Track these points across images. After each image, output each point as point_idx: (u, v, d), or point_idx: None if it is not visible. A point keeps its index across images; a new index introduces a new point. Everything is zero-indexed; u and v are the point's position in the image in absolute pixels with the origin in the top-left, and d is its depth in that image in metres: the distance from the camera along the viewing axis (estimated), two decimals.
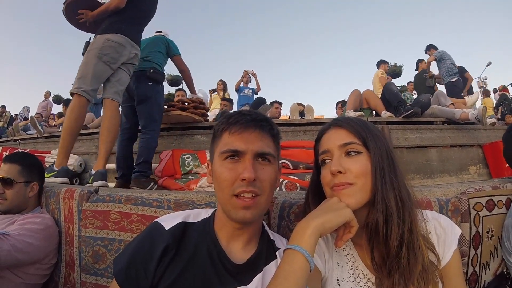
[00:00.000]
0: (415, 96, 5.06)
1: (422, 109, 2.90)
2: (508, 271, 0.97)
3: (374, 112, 3.18)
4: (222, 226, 0.67)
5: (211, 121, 2.89)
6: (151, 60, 2.26)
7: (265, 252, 0.69)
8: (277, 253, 0.71)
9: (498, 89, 7.84)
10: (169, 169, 2.10)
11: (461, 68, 5.14)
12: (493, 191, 0.99)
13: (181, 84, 5.74)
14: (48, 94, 7.29)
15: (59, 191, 1.20)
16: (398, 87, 4.78)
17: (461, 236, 0.89)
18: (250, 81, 5.69)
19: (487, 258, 0.95)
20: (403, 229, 0.60)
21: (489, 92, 7.69)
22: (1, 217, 1.14)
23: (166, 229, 0.65)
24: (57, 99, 7.30)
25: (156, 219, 0.69)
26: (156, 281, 0.60)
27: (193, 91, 2.71)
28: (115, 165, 2.16)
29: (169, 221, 0.67)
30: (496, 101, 7.23)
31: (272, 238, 0.74)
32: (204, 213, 0.73)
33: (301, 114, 3.97)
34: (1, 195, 1.17)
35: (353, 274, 0.67)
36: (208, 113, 3.10)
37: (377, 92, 3.64)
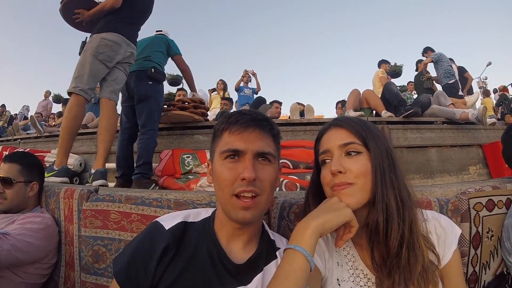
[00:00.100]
0: (415, 96, 5.06)
1: (422, 109, 2.90)
2: (508, 271, 0.97)
3: (374, 112, 3.18)
4: (222, 226, 0.67)
5: (211, 121, 2.89)
6: (152, 60, 2.26)
7: (265, 252, 0.69)
8: (277, 253, 0.71)
9: (499, 89, 7.84)
10: (169, 169, 2.10)
11: (461, 68, 5.13)
12: (493, 191, 0.99)
13: (182, 84, 5.74)
14: (48, 94, 7.29)
15: (59, 191, 1.20)
16: (398, 87, 4.78)
17: (461, 236, 0.89)
18: (250, 81, 5.69)
19: (487, 258, 0.95)
20: (403, 229, 0.60)
21: (489, 92, 7.68)
22: (1, 217, 1.14)
23: (166, 229, 0.64)
24: (57, 99, 7.29)
25: (156, 219, 0.69)
26: (156, 281, 0.60)
27: (194, 90, 2.71)
28: (115, 165, 2.16)
29: (169, 221, 0.67)
30: (496, 101, 7.23)
31: (272, 238, 0.74)
32: (204, 213, 0.73)
33: (301, 114, 3.97)
34: (1, 195, 1.17)
35: (353, 274, 0.67)
36: (208, 113, 3.10)
37: (377, 92, 3.64)
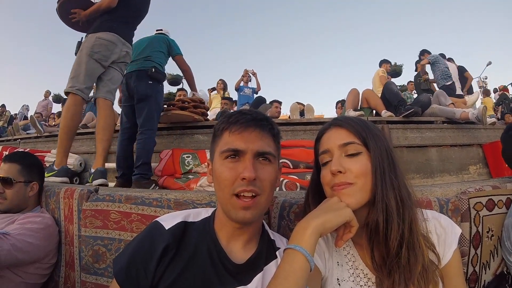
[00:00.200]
0: (415, 96, 5.06)
1: (422, 109, 2.90)
2: (508, 271, 0.97)
3: (374, 112, 3.17)
4: (222, 226, 0.67)
5: (211, 121, 2.89)
6: (153, 60, 2.25)
7: (265, 252, 0.69)
8: (277, 253, 0.71)
9: (499, 89, 7.83)
10: (169, 169, 2.10)
11: (461, 68, 5.12)
12: (493, 191, 0.99)
13: (182, 84, 5.73)
14: (48, 94, 7.29)
15: (59, 191, 1.20)
16: (398, 87, 4.77)
17: (461, 236, 0.89)
18: (250, 81, 5.68)
19: (487, 258, 0.95)
20: (403, 229, 0.60)
21: (489, 92, 7.68)
22: (1, 217, 1.14)
23: (166, 229, 0.64)
24: (57, 99, 7.29)
25: (156, 219, 0.68)
26: (156, 281, 0.60)
27: (195, 90, 2.71)
28: (115, 165, 2.16)
29: (169, 221, 0.67)
30: (496, 100, 7.22)
31: (272, 238, 0.74)
32: (204, 213, 0.72)
33: (301, 114, 3.97)
34: (1, 195, 1.17)
35: (353, 274, 0.67)
36: (208, 113, 3.10)
37: (377, 91, 3.63)
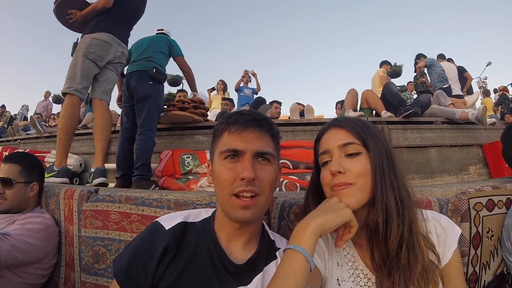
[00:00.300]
0: (415, 96, 5.06)
1: (422, 109, 2.90)
2: (508, 271, 0.97)
3: (374, 112, 3.17)
4: (222, 226, 0.67)
5: (211, 121, 2.89)
6: (154, 61, 2.25)
7: (265, 252, 0.69)
8: (277, 253, 0.71)
9: (499, 89, 7.83)
10: (169, 169, 2.10)
11: (461, 68, 5.13)
12: (493, 191, 0.99)
13: (182, 85, 5.73)
14: (48, 94, 7.29)
15: (59, 191, 1.20)
16: (398, 87, 4.78)
17: (461, 236, 0.89)
18: (250, 81, 5.68)
19: (487, 258, 0.95)
20: (403, 229, 0.60)
21: (489, 92, 7.67)
22: (1, 217, 1.14)
23: (166, 229, 0.65)
24: (57, 99, 7.29)
25: (156, 219, 0.69)
26: (157, 281, 0.60)
27: (195, 91, 2.71)
28: (115, 165, 2.16)
29: (169, 221, 0.67)
30: (496, 100, 7.23)
31: (272, 238, 0.74)
32: (204, 213, 0.73)
33: (301, 114, 3.97)
34: (1, 195, 1.17)
35: (353, 274, 0.67)
36: (208, 113, 3.10)
37: (377, 91, 3.63)
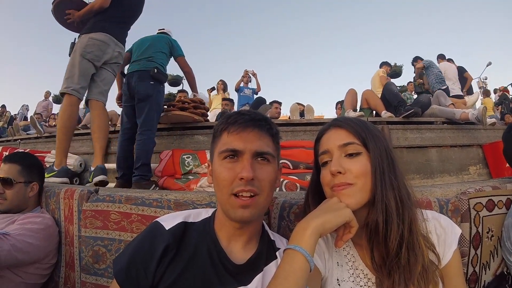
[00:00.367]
0: (415, 96, 5.06)
1: (422, 109, 2.90)
2: (508, 271, 0.97)
3: (374, 112, 3.18)
4: (222, 226, 0.67)
5: (212, 122, 2.89)
6: (155, 61, 2.25)
7: (265, 252, 0.69)
8: (277, 253, 0.71)
9: (499, 90, 7.84)
10: (169, 169, 2.10)
11: (461, 68, 5.13)
12: (493, 191, 0.99)
13: (182, 85, 5.74)
14: (48, 94, 7.30)
15: (59, 191, 1.20)
16: (398, 87, 4.78)
17: (461, 236, 0.89)
18: (250, 81, 5.69)
19: (487, 258, 0.95)
20: (403, 229, 0.60)
21: (489, 92, 7.67)
22: (1, 217, 1.14)
23: (167, 229, 0.65)
24: (57, 99, 7.28)
25: (156, 219, 0.69)
26: (157, 281, 0.60)
27: (196, 92, 2.71)
28: (116, 165, 2.16)
29: (170, 221, 0.67)
30: (496, 101, 7.24)
31: (272, 238, 0.74)
32: (205, 213, 0.73)
33: (301, 114, 3.97)
34: (1, 195, 1.17)
35: (353, 274, 0.67)
36: (208, 113, 3.10)
37: (377, 92, 3.63)
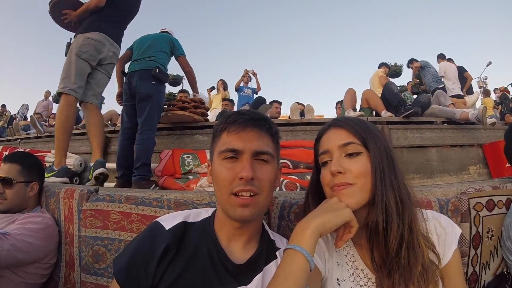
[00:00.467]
0: (415, 96, 5.06)
1: (422, 109, 2.90)
2: (509, 271, 0.97)
3: (374, 112, 3.17)
4: (222, 226, 0.67)
5: (212, 121, 2.88)
6: (156, 60, 2.25)
7: (265, 252, 0.69)
8: (277, 253, 0.71)
9: (500, 90, 7.84)
10: (169, 169, 2.10)
11: (461, 68, 5.12)
12: (493, 191, 0.99)
13: (182, 84, 5.74)
14: (48, 94, 7.29)
15: (59, 191, 1.20)
16: (398, 87, 4.77)
17: (461, 236, 0.88)
18: (250, 81, 5.69)
19: (487, 258, 0.95)
20: (403, 229, 0.60)
21: (489, 92, 7.68)
22: (1, 217, 1.14)
23: (167, 229, 0.64)
24: (57, 99, 7.23)
25: (156, 219, 0.69)
26: (157, 282, 0.60)
27: (196, 91, 2.70)
28: (116, 165, 2.16)
29: (170, 221, 0.67)
30: (497, 100, 7.24)
31: (272, 238, 0.74)
32: (205, 213, 0.73)
33: (301, 114, 3.97)
34: (1, 195, 1.17)
35: (353, 274, 0.67)
36: (208, 113, 3.09)
37: (376, 92, 3.63)
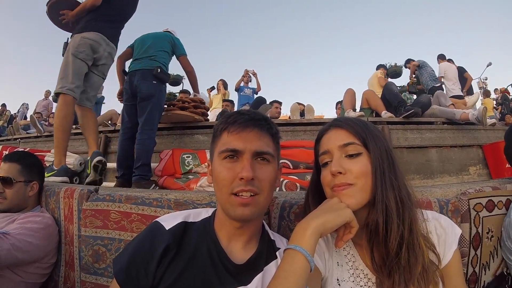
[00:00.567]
0: (415, 97, 5.06)
1: (422, 110, 2.90)
2: (508, 272, 0.97)
3: (374, 112, 3.17)
4: (222, 226, 0.67)
5: (212, 121, 2.88)
6: (157, 60, 2.24)
7: (266, 252, 0.69)
8: (278, 253, 0.71)
9: (500, 90, 7.85)
10: (169, 169, 2.10)
11: (461, 68, 5.13)
12: (493, 192, 0.99)
13: (182, 84, 5.73)
14: (48, 93, 7.28)
15: (59, 190, 1.20)
16: (398, 87, 4.78)
17: (461, 237, 0.89)
18: (251, 81, 5.69)
19: (487, 259, 0.95)
20: (403, 230, 0.60)
21: (489, 93, 7.69)
22: (1, 216, 1.14)
23: (167, 229, 0.64)
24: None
25: (157, 219, 0.68)
26: (157, 282, 0.60)
27: (197, 91, 2.70)
28: (116, 165, 2.16)
29: (170, 221, 0.67)
30: (498, 101, 7.26)
31: (273, 238, 0.74)
32: (205, 213, 0.73)
33: (302, 114, 3.97)
34: (1, 194, 1.17)
35: (353, 274, 0.67)
36: (209, 113, 3.09)
37: (376, 93, 3.63)
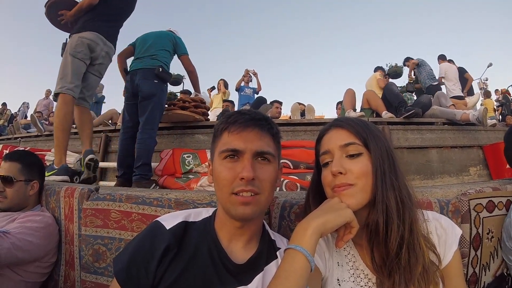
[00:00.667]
0: (415, 97, 5.06)
1: (423, 110, 2.90)
2: (508, 272, 0.97)
3: (375, 113, 3.18)
4: (223, 226, 0.67)
5: (212, 121, 2.88)
6: (159, 59, 2.24)
7: (266, 252, 0.69)
8: (278, 253, 0.71)
9: (501, 91, 7.84)
10: (170, 168, 2.10)
11: (461, 69, 5.12)
12: (494, 193, 0.99)
13: (182, 84, 5.73)
14: (49, 93, 7.28)
15: (60, 190, 1.20)
16: (399, 88, 4.78)
17: (462, 237, 0.89)
18: (251, 81, 5.69)
19: (487, 259, 0.95)
20: (403, 230, 0.60)
21: (490, 93, 7.69)
22: (1, 215, 1.14)
23: (167, 229, 0.64)
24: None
25: (157, 219, 0.68)
26: (157, 281, 0.60)
27: (198, 91, 2.70)
28: (116, 164, 2.16)
29: (170, 221, 0.67)
30: (500, 101, 7.26)
31: (273, 238, 0.74)
32: (205, 213, 0.72)
33: (302, 114, 3.98)
34: (2, 193, 1.17)
35: (354, 274, 0.67)
36: (209, 113, 3.09)
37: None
